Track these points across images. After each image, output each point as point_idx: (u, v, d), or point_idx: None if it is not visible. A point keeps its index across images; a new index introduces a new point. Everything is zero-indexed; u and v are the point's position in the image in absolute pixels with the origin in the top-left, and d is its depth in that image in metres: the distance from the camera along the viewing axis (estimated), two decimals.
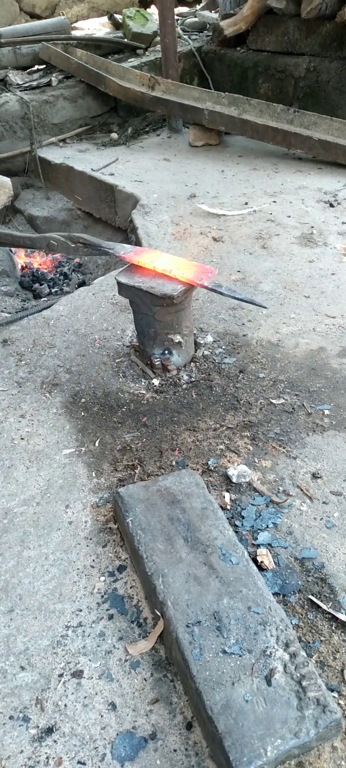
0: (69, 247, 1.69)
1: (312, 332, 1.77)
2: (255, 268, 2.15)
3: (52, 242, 1.71)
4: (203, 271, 1.54)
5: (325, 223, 2.46)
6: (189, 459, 1.33)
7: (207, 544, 1.04)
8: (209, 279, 1.51)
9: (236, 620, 0.91)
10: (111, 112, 4.10)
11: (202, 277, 1.51)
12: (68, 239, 1.68)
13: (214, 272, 1.54)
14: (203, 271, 1.54)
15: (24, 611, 1.03)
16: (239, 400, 1.50)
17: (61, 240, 1.69)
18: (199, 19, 4.90)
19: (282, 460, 1.32)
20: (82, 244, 1.66)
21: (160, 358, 1.62)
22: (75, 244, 1.66)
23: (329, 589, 1.02)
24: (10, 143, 3.62)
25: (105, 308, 1.99)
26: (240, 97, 3.38)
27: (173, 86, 3.61)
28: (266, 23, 3.74)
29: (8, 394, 1.60)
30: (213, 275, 1.52)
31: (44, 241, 1.74)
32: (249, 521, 1.16)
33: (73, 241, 1.67)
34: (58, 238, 1.70)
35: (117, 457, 1.35)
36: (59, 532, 1.18)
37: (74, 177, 3.35)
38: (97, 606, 1.03)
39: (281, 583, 1.03)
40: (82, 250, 1.67)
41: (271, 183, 2.96)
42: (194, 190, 2.90)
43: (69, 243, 1.67)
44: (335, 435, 1.37)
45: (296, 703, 0.80)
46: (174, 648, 0.90)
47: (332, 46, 3.45)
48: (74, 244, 1.67)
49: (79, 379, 1.64)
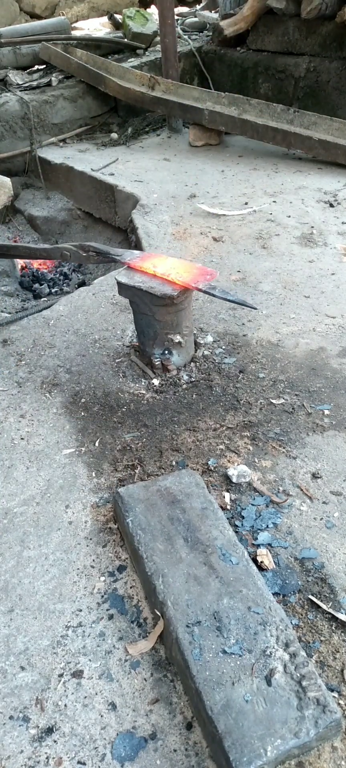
0: (81, 256, 1.77)
1: (312, 332, 1.77)
2: (255, 268, 2.15)
3: (65, 252, 1.79)
4: (204, 273, 1.55)
5: (325, 223, 2.46)
6: (189, 459, 1.33)
7: (207, 544, 1.04)
8: (206, 281, 1.51)
9: (236, 620, 0.91)
10: (111, 112, 4.10)
11: (199, 279, 1.51)
12: (80, 248, 1.76)
13: (214, 274, 1.54)
14: (203, 274, 1.54)
15: (24, 611, 1.03)
16: (239, 400, 1.50)
17: (73, 250, 1.77)
18: (199, 19, 4.90)
19: (282, 460, 1.31)
20: (93, 252, 1.72)
21: (160, 358, 1.62)
22: (86, 253, 1.74)
23: (329, 589, 1.02)
24: (10, 143, 3.62)
25: (105, 308, 1.99)
26: (240, 97, 3.38)
27: (173, 86, 3.61)
28: (266, 23, 3.74)
29: (8, 394, 1.60)
30: (213, 277, 1.52)
31: (58, 251, 1.83)
32: (249, 521, 1.16)
33: (84, 250, 1.75)
34: (70, 248, 1.78)
35: (117, 457, 1.35)
36: (59, 532, 1.18)
37: (74, 177, 3.35)
38: (97, 606, 1.03)
39: (281, 583, 1.03)
40: (93, 258, 1.75)
41: (271, 183, 2.96)
42: (194, 190, 2.90)
43: (81, 252, 1.76)
44: (335, 435, 1.37)
45: (296, 703, 0.80)
46: (174, 648, 0.90)
47: (332, 46, 3.45)
48: (86, 253, 1.75)
49: (79, 379, 1.64)
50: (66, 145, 3.79)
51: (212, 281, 1.53)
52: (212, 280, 1.52)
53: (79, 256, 1.76)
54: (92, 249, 1.73)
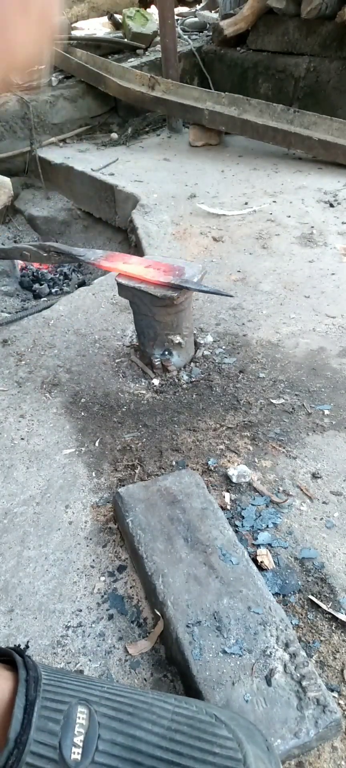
0: (41, 256, 1.72)
1: (312, 332, 1.78)
2: (255, 268, 2.15)
3: (24, 252, 1.74)
4: (171, 270, 1.53)
5: (325, 223, 2.46)
6: (189, 459, 1.33)
7: (207, 544, 1.04)
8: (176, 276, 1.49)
9: (236, 620, 0.91)
10: (111, 112, 4.10)
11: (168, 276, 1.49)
12: (40, 248, 1.71)
13: (182, 270, 1.51)
14: (170, 270, 1.52)
15: (24, 611, 1.03)
16: (239, 400, 1.50)
17: (33, 250, 1.73)
18: (199, 19, 4.90)
19: (282, 460, 1.32)
20: (54, 251, 1.68)
21: (160, 358, 1.62)
22: (47, 252, 1.69)
23: (329, 589, 1.02)
24: (10, 143, 3.63)
25: (105, 308, 1.99)
26: (240, 97, 3.38)
27: (173, 86, 3.61)
28: (266, 23, 3.74)
29: (8, 394, 1.60)
30: (180, 274, 1.50)
31: (17, 252, 1.78)
32: (249, 521, 1.16)
33: (45, 250, 1.70)
34: (30, 248, 1.73)
35: (117, 457, 1.35)
36: (59, 532, 1.18)
37: (74, 177, 3.35)
38: (97, 606, 1.03)
39: (281, 583, 1.03)
40: (54, 257, 1.70)
41: (271, 183, 2.96)
42: (194, 190, 2.90)
43: (41, 252, 1.71)
44: (335, 435, 1.37)
45: (296, 703, 0.80)
46: (174, 648, 0.90)
47: (332, 46, 3.45)
48: (46, 252, 1.69)
49: (79, 379, 1.64)
50: (66, 145, 3.80)
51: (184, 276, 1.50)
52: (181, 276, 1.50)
53: (40, 256, 1.71)
54: (53, 249, 1.69)
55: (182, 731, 0.66)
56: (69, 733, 0.63)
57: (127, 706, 0.67)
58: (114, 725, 0.65)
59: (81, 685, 0.69)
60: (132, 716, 0.66)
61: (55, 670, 0.71)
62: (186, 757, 0.64)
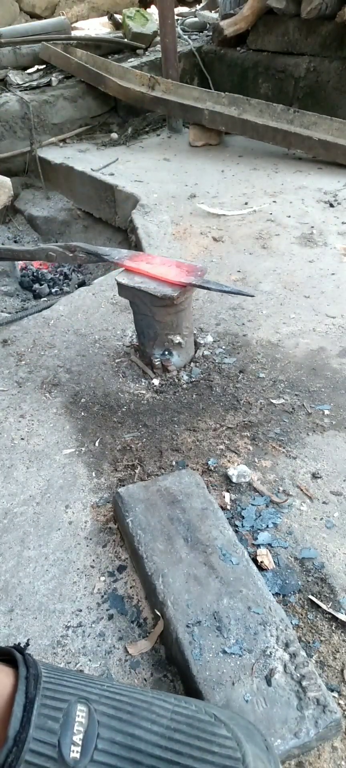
0: (67, 256, 1.72)
1: (312, 332, 1.78)
2: (255, 268, 2.15)
3: (50, 253, 1.74)
4: (194, 270, 1.54)
5: (325, 223, 2.46)
6: (189, 459, 1.33)
7: (207, 544, 1.04)
8: (198, 277, 1.51)
9: (236, 620, 0.91)
10: (111, 112, 4.10)
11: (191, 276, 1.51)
12: (66, 249, 1.71)
13: (204, 271, 1.53)
14: (193, 270, 1.54)
15: (24, 611, 1.03)
16: (239, 400, 1.50)
17: (59, 250, 1.73)
18: (199, 19, 4.90)
19: (282, 460, 1.31)
20: (80, 252, 1.68)
21: (160, 358, 1.62)
22: (73, 252, 1.69)
23: (329, 589, 1.02)
24: (10, 143, 3.63)
25: (105, 308, 1.99)
26: (240, 97, 3.38)
27: (173, 86, 3.61)
28: (266, 23, 3.74)
29: (8, 394, 1.60)
30: (202, 274, 1.52)
31: (43, 252, 1.77)
32: (249, 521, 1.15)
33: (70, 250, 1.70)
34: (56, 249, 1.73)
35: (117, 457, 1.35)
36: (59, 532, 1.18)
37: (74, 177, 3.36)
38: (97, 606, 1.03)
39: (281, 583, 1.03)
40: (80, 258, 1.70)
41: (271, 183, 2.96)
42: (194, 190, 2.90)
43: (67, 252, 1.71)
44: (335, 435, 1.37)
45: (296, 703, 0.80)
46: (174, 648, 0.90)
47: (332, 46, 3.45)
48: (72, 253, 1.69)
49: (79, 379, 1.64)
50: (66, 145, 3.80)
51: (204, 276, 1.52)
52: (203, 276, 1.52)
53: (66, 256, 1.72)
54: (79, 249, 1.69)
55: (181, 730, 0.66)
56: (68, 732, 0.63)
57: (127, 705, 0.67)
58: (113, 724, 0.65)
59: (81, 683, 0.69)
60: (131, 715, 0.66)
61: (55, 668, 0.71)
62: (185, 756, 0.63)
